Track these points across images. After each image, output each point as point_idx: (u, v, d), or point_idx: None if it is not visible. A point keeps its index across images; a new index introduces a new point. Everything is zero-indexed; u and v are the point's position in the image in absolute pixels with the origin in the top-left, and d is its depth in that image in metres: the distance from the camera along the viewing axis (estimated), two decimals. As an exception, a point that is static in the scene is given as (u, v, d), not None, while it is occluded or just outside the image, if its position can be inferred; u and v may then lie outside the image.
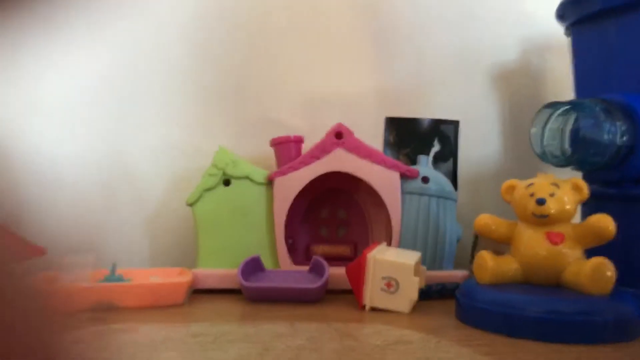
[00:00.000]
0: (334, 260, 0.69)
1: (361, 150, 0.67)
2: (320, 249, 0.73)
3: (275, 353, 0.38)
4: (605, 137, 0.55)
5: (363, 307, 0.55)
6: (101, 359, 0.35)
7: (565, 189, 0.52)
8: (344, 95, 0.83)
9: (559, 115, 0.59)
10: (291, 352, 0.38)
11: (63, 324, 0.20)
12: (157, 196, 0.81)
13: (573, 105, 0.59)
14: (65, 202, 0.79)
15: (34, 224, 0.78)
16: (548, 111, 0.60)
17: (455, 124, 0.80)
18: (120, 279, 0.60)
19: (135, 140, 0.81)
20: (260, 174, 0.68)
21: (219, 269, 0.65)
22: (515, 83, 0.86)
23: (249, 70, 0.83)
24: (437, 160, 0.80)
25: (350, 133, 0.68)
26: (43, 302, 0.19)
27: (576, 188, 0.53)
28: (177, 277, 0.61)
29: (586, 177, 0.61)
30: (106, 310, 0.53)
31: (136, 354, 0.37)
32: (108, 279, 0.59)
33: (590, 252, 0.50)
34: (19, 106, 0.79)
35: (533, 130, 0.61)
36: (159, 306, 0.55)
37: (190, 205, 0.67)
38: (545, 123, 0.60)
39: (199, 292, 0.65)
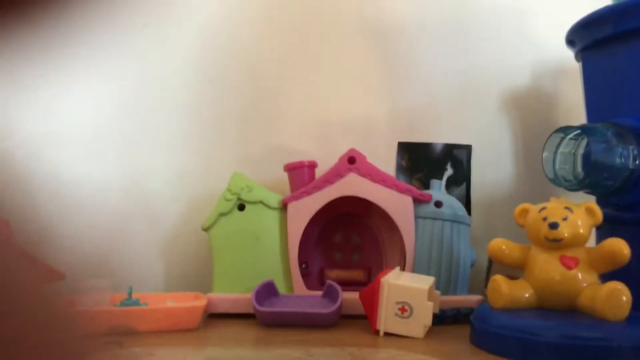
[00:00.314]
0: (347, 285, 0.69)
1: (374, 175, 0.68)
2: (334, 273, 0.73)
3: (290, 377, 0.38)
4: (618, 161, 0.55)
5: (377, 332, 0.55)
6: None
7: (578, 213, 0.52)
8: (357, 121, 0.85)
9: (570, 139, 0.60)
10: (305, 377, 0.38)
11: (89, 347, 0.21)
12: (172, 221, 0.82)
13: (584, 130, 0.59)
14: (82, 227, 0.81)
15: (52, 248, 0.80)
16: (559, 135, 0.60)
17: (467, 148, 0.80)
18: (137, 302, 0.61)
19: (151, 165, 0.83)
20: (274, 199, 0.69)
21: (234, 294, 0.66)
22: (527, 107, 0.87)
23: (262, 95, 0.85)
24: (450, 184, 0.80)
25: (363, 158, 0.69)
26: (72, 326, 0.20)
27: (589, 212, 0.53)
28: (193, 302, 0.62)
29: (599, 201, 0.61)
30: (123, 334, 0.54)
31: (152, 377, 0.38)
32: (125, 302, 0.60)
33: (605, 277, 0.50)
34: (37, 130, 0.82)
35: (545, 154, 0.61)
36: (174, 330, 0.56)
37: (206, 230, 0.68)
38: (557, 147, 0.61)
39: (213, 317, 0.65)
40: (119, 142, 0.83)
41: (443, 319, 0.60)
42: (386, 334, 0.54)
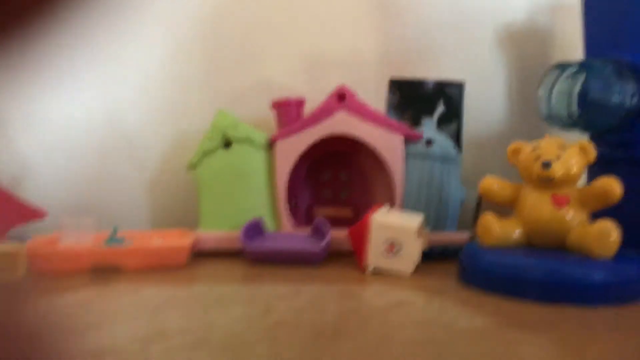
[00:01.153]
0: (336, 222, 0.69)
1: (364, 113, 0.66)
2: (322, 211, 0.73)
3: (277, 314, 0.38)
4: (615, 99, 0.54)
5: (365, 268, 0.55)
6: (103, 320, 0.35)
7: (571, 152, 0.51)
8: (347, 57, 0.81)
9: (567, 76, 0.58)
10: (293, 313, 0.38)
11: None
12: (156, 158, 0.81)
13: (582, 66, 0.57)
14: (65, 165, 0.79)
15: (35, 187, 0.78)
16: (556, 72, 0.59)
17: (460, 85, 0.78)
18: (121, 241, 0.60)
19: (132, 102, 0.80)
20: (261, 137, 0.67)
21: (221, 231, 0.65)
22: (522, 43, 0.84)
23: (249, 31, 0.81)
24: (442, 122, 0.78)
25: (353, 95, 0.67)
26: None
27: (583, 150, 0.52)
28: (180, 239, 0.61)
29: (593, 140, 0.60)
30: (108, 272, 0.53)
31: (138, 315, 0.37)
32: (109, 241, 0.59)
33: (595, 215, 0.50)
34: (18, 68, 0.78)
35: (540, 92, 0.60)
36: (161, 268, 0.55)
37: (191, 168, 0.66)
38: (553, 85, 0.59)
39: (201, 254, 0.65)
40: (98, 78, 0.79)
41: (431, 256, 0.60)
42: (374, 270, 0.54)
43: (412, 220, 0.55)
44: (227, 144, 0.67)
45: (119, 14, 0.78)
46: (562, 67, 0.58)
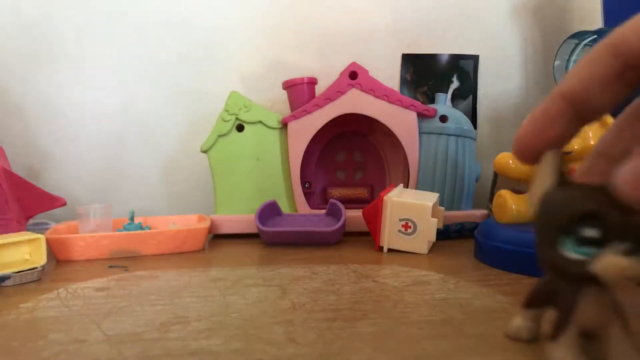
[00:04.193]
0: (350, 202, 0.69)
1: (377, 90, 0.65)
2: (337, 191, 0.73)
3: (293, 295, 0.38)
4: (635, 67, 0.52)
5: (380, 248, 0.55)
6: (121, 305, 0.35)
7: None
8: (358, 32, 0.80)
9: (585, 45, 0.56)
10: (309, 295, 0.38)
11: None
12: (171, 142, 0.81)
13: (600, 35, 0.55)
14: (81, 153, 0.80)
15: (52, 175, 0.79)
16: (573, 42, 0.57)
17: (474, 58, 0.76)
18: (139, 226, 0.61)
19: (144, 85, 0.80)
20: (273, 118, 0.67)
21: (237, 215, 0.65)
22: (538, 12, 0.82)
23: (258, 10, 0.80)
24: (456, 97, 0.77)
25: (365, 72, 0.66)
26: None
27: (602, 122, 0.50)
28: (197, 224, 0.62)
29: (612, 112, 0.58)
30: (127, 258, 0.54)
31: (157, 299, 0.38)
32: (127, 227, 0.60)
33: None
34: (32, 57, 0.78)
35: (557, 63, 0.58)
36: (179, 252, 0.56)
37: (205, 152, 0.67)
38: (570, 55, 0.57)
39: (217, 238, 0.66)
40: (114, 66, 0.80)
41: (447, 235, 0.60)
42: (390, 250, 0.54)
43: (427, 199, 0.55)
44: (240, 127, 0.67)
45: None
46: (580, 36, 0.56)
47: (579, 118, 0.23)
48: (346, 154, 0.76)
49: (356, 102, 0.66)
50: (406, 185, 0.67)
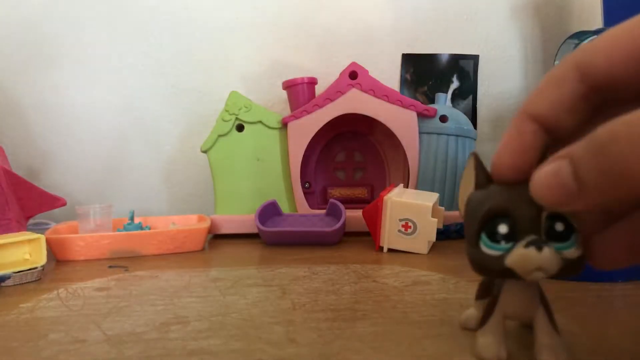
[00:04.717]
0: (351, 203, 0.69)
1: (376, 90, 0.65)
2: (337, 191, 0.73)
3: (293, 295, 0.38)
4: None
5: (380, 248, 0.55)
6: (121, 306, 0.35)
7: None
8: (358, 32, 0.80)
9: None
10: (309, 295, 0.38)
11: None
12: (171, 142, 0.81)
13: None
14: (82, 152, 0.80)
15: (52, 175, 0.79)
16: (573, 42, 0.57)
17: (474, 58, 0.76)
18: (139, 226, 0.61)
19: (144, 85, 0.80)
20: (273, 118, 0.67)
21: (237, 215, 0.65)
22: (538, 12, 0.82)
23: (258, 10, 0.80)
24: (456, 97, 0.77)
25: (365, 72, 0.66)
26: None
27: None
28: (197, 224, 0.62)
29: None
30: (127, 258, 0.54)
31: (157, 299, 0.38)
32: (127, 227, 0.60)
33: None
34: (33, 57, 0.78)
35: (557, 63, 0.58)
36: (179, 252, 0.56)
37: (205, 152, 0.67)
38: (571, 55, 0.57)
39: (217, 238, 0.66)
40: (115, 64, 0.80)
41: (447, 235, 0.60)
42: (390, 250, 0.54)
43: (427, 199, 0.55)
44: (240, 127, 0.67)
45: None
46: (580, 36, 0.56)
47: (553, 138, 0.23)
48: (346, 154, 0.76)
49: (356, 102, 0.66)
50: (406, 185, 0.67)
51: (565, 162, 0.19)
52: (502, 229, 0.22)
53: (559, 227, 0.22)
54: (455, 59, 0.77)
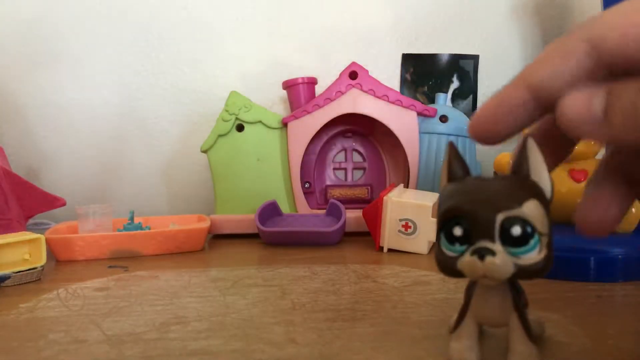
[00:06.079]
0: (351, 203, 0.69)
1: (376, 90, 0.65)
2: (337, 192, 0.73)
3: (293, 295, 0.38)
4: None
5: (380, 249, 0.55)
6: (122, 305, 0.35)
7: (590, 124, 0.50)
8: (358, 32, 0.80)
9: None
10: (309, 295, 0.38)
11: None
12: (171, 142, 0.81)
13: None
14: (81, 153, 0.80)
15: (52, 176, 0.79)
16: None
17: (475, 58, 0.77)
18: (139, 226, 0.61)
19: (144, 84, 0.80)
20: (273, 118, 0.67)
21: (237, 215, 0.65)
22: (538, 12, 0.82)
23: (258, 9, 0.80)
24: (456, 97, 0.77)
25: (365, 72, 0.66)
26: None
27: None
28: (196, 224, 0.62)
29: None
30: (127, 258, 0.54)
31: (157, 299, 0.38)
32: (127, 227, 0.60)
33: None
34: (33, 56, 0.78)
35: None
36: (178, 252, 0.56)
37: (205, 152, 0.67)
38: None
39: (217, 238, 0.66)
40: (113, 64, 0.80)
41: (447, 235, 0.59)
42: (390, 250, 0.54)
43: (427, 199, 0.55)
44: (240, 127, 0.67)
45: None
46: (580, 36, 0.56)
47: (539, 110, 0.22)
48: (346, 154, 0.76)
49: (356, 102, 0.66)
50: (406, 185, 0.67)
51: (603, 92, 0.19)
52: (457, 231, 0.22)
53: (516, 231, 0.21)
54: (455, 59, 0.77)
